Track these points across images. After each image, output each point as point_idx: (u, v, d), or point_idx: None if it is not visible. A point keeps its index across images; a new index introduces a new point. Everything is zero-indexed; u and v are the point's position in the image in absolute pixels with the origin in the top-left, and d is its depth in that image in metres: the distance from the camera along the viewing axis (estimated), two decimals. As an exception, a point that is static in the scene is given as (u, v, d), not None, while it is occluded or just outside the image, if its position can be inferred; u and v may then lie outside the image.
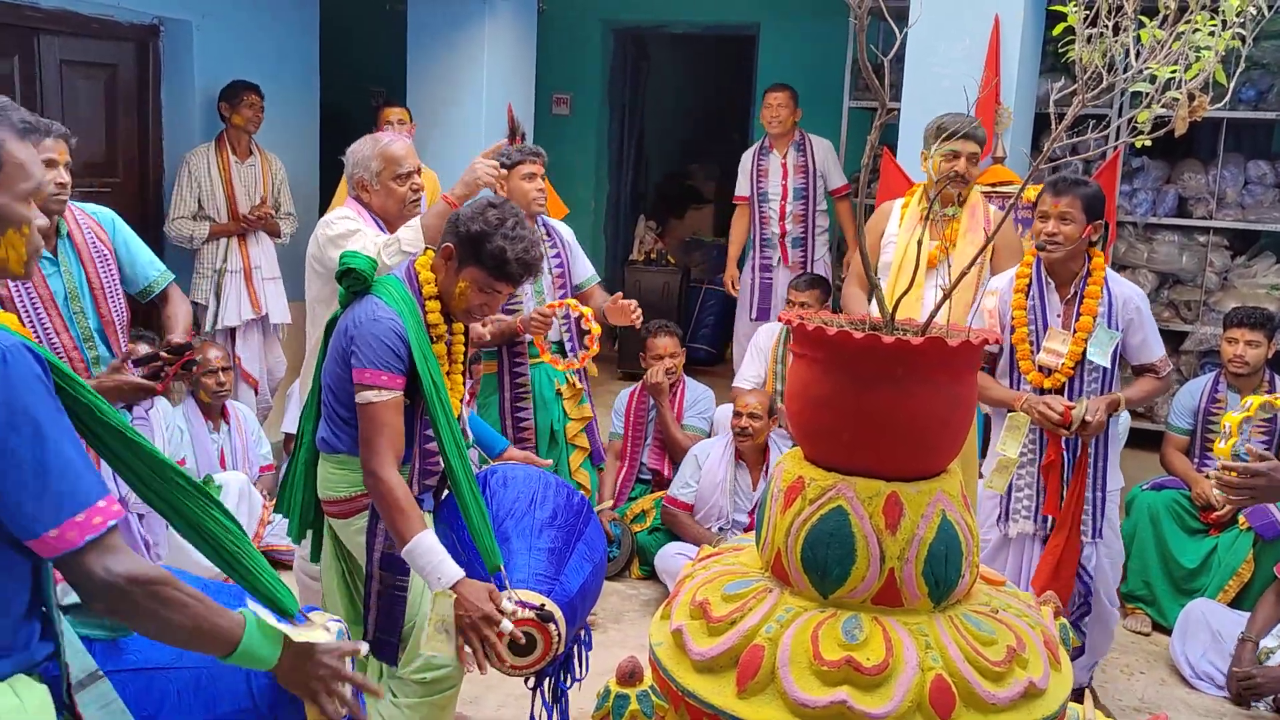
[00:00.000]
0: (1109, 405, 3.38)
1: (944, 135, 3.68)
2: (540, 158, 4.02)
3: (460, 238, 2.62)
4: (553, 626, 2.47)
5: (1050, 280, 3.49)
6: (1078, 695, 2.20)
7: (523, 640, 2.46)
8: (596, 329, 3.97)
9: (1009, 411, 3.45)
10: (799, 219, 5.88)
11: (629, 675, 2.09)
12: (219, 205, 5.34)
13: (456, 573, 2.43)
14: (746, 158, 6.05)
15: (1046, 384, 3.44)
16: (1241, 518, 4.33)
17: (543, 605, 2.49)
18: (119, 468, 1.69)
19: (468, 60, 5.99)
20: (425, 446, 2.67)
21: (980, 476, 3.76)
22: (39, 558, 1.56)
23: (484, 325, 3.83)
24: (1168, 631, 4.24)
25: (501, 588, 2.47)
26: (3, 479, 1.47)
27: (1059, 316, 3.47)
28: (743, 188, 6.05)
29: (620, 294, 4.09)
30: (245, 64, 5.65)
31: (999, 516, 3.59)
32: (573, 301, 3.96)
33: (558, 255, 4.11)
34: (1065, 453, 3.45)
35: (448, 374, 2.71)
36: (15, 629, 1.55)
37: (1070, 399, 3.40)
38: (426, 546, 2.45)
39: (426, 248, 2.95)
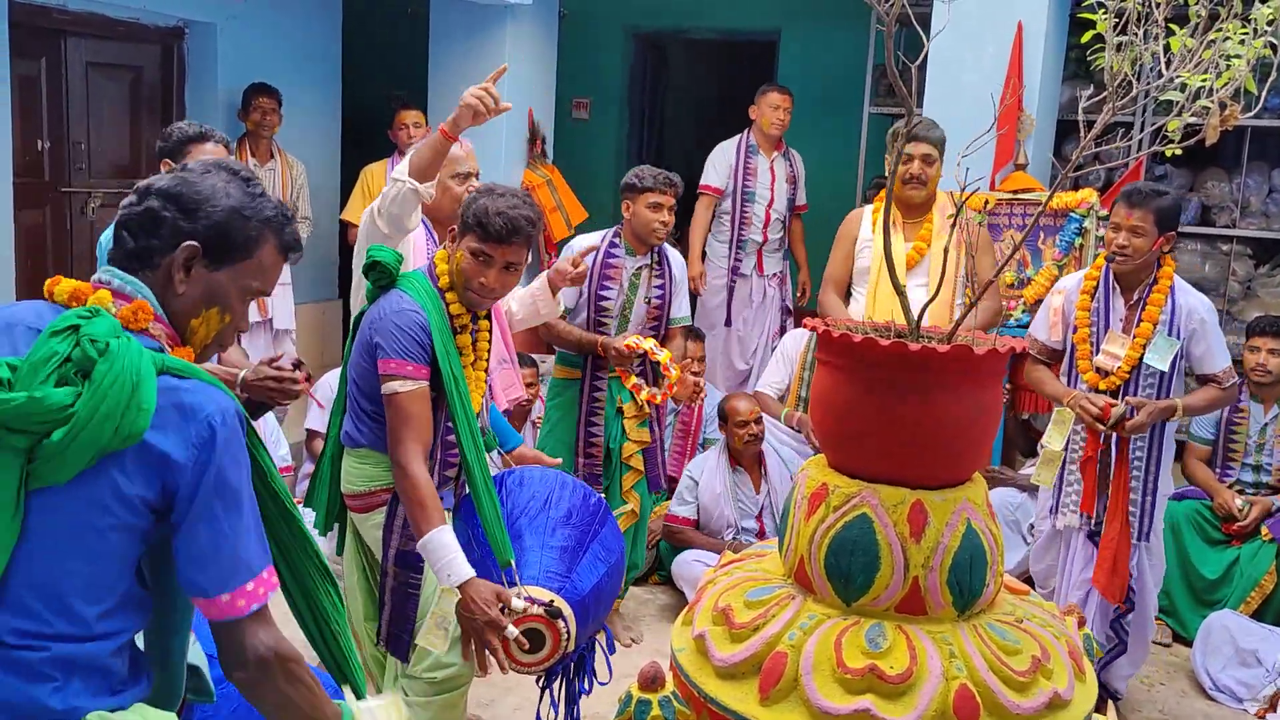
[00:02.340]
0: (1161, 410, 3.40)
1: (898, 139, 3.72)
2: (674, 188, 3.94)
3: (463, 219, 2.66)
4: (561, 624, 2.47)
5: (1117, 285, 3.54)
6: (1099, 706, 2.19)
7: (526, 645, 2.46)
8: (675, 375, 3.92)
9: (1058, 407, 3.53)
10: (785, 227, 5.81)
11: (651, 681, 2.09)
12: None
13: (466, 572, 2.44)
14: (729, 150, 5.71)
15: (1102, 385, 3.50)
16: (1264, 529, 4.31)
17: (551, 601, 2.49)
18: (267, 530, 1.71)
19: (489, 64, 5.95)
20: (446, 439, 2.68)
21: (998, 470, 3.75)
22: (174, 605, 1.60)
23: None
24: (1188, 643, 4.21)
25: (511, 583, 2.48)
26: (193, 539, 1.51)
27: (1121, 321, 3.51)
28: (717, 179, 5.66)
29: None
30: (268, 66, 5.69)
31: (1050, 508, 3.67)
32: (651, 345, 3.88)
33: (661, 286, 4.04)
34: (1111, 450, 3.48)
35: (471, 366, 2.71)
36: (133, 666, 1.57)
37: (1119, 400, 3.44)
38: (441, 542, 2.46)
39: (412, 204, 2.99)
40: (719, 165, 5.74)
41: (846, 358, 1.98)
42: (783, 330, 5.74)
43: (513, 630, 2.38)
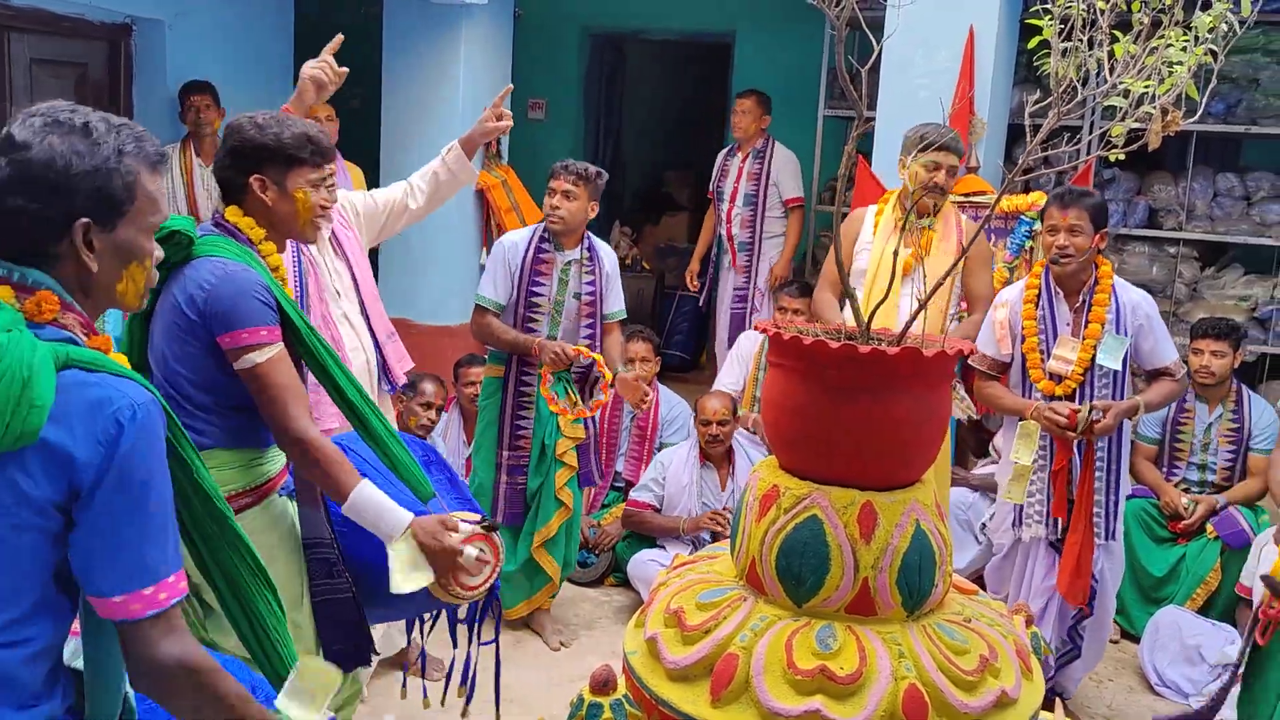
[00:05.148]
0: (1126, 410, 3.44)
1: (925, 145, 3.70)
2: (566, 175, 3.94)
3: (260, 161, 2.43)
4: (496, 536, 2.44)
5: (1059, 290, 3.55)
6: (1048, 704, 2.21)
7: (489, 559, 2.40)
8: (609, 376, 3.94)
9: (1020, 420, 3.51)
10: (745, 224, 5.92)
11: (603, 684, 2.08)
12: (179, 207, 5.31)
13: (406, 515, 2.30)
14: (720, 156, 6.19)
15: (1058, 391, 3.50)
16: (1209, 527, 4.38)
17: (482, 518, 2.45)
18: (193, 529, 1.66)
19: (444, 65, 5.97)
20: None
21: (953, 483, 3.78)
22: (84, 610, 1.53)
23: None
24: (1136, 639, 4.28)
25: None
26: (92, 534, 1.44)
27: (1068, 325, 3.53)
28: (711, 184, 6.21)
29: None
30: (218, 65, 5.61)
31: (1014, 521, 3.66)
32: (599, 357, 3.94)
33: (592, 282, 4.05)
34: (1076, 456, 3.50)
35: None
36: (49, 677, 1.50)
37: (1081, 405, 3.45)
38: (369, 497, 2.29)
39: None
40: (715, 172, 6.21)
41: (797, 360, 1.99)
42: (733, 337, 5.85)
43: (471, 552, 2.29)
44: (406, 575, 2.30)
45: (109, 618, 1.47)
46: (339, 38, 3.07)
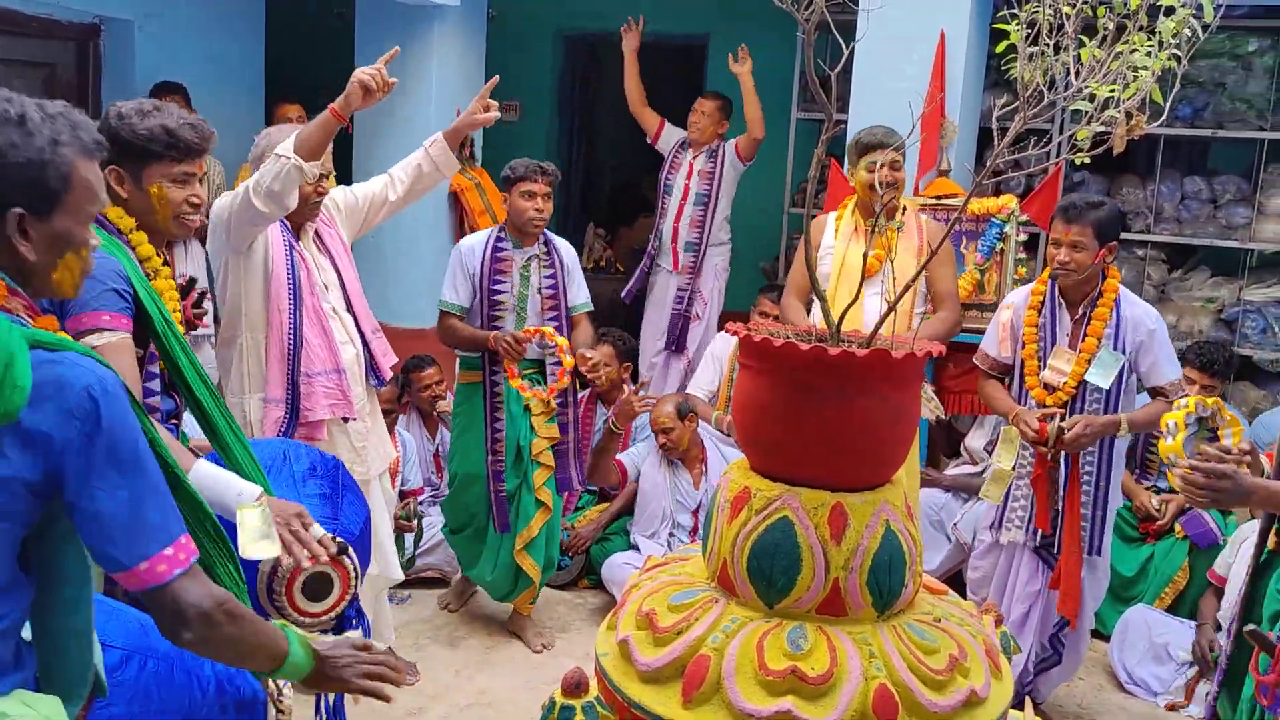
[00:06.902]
0: (1104, 425, 3.38)
1: (861, 150, 3.77)
2: (545, 176, 4.00)
3: (115, 154, 2.29)
4: (347, 560, 2.24)
5: (1063, 299, 3.52)
6: (1018, 703, 2.23)
7: (333, 549, 2.20)
8: (569, 362, 3.95)
9: (1005, 425, 3.52)
10: (695, 224, 5.80)
11: (574, 686, 2.08)
12: None
13: (256, 486, 2.20)
14: (673, 137, 6.01)
15: (1049, 401, 3.48)
16: (1178, 526, 4.42)
17: (333, 537, 2.25)
18: None
19: (416, 67, 5.94)
20: (147, 401, 2.40)
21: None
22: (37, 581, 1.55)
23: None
24: (1105, 638, 4.32)
25: None
26: (96, 513, 1.48)
27: (1067, 335, 3.50)
28: (661, 140, 6.05)
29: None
30: (188, 66, 5.57)
31: (993, 523, 3.66)
32: (549, 330, 3.93)
33: (552, 276, 4.09)
34: (1063, 467, 3.48)
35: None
36: (17, 647, 1.53)
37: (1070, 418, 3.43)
38: (205, 473, 2.18)
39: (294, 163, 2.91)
40: (663, 143, 6.10)
41: (767, 362, 2.00)
42: (676, 338, 5.78)
43: (319, 529, 2.18)
44: (254, 541, 2.13)
45: (138, 588, 1.52)
46: (395, 50, 3.12)
